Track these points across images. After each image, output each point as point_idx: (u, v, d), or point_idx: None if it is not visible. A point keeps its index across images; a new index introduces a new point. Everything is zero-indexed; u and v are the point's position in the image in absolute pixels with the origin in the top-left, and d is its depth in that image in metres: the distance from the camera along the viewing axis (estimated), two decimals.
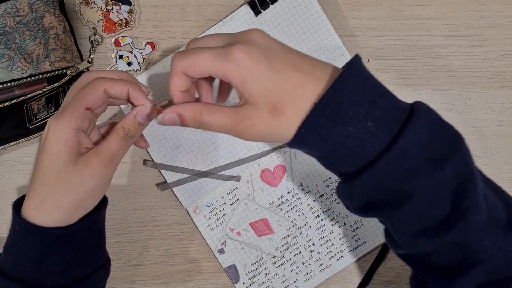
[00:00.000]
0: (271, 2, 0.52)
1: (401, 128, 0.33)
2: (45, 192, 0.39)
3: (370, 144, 0.34)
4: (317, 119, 0.34)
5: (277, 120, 0.35)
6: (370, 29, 0.54)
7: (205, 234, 0.54)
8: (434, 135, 0.34)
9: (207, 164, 0.53)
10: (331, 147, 0.34)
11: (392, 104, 0.35)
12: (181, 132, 0.53)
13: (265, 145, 0.53)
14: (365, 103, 0.33)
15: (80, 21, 0.53)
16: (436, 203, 0.34)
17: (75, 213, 0.40)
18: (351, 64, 0.35)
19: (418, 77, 0.54)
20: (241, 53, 0.34)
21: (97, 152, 0.39)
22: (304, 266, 0.53)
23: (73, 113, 0.39)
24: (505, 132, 0.54)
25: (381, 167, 0.33)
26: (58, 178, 0.39)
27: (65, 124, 0.38)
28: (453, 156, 0.34)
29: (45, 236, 0.39)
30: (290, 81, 0.34)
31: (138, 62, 0.53)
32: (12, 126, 0.50)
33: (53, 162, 0.39)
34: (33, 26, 0.48)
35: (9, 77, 0.48)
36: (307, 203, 0.53)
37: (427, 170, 0.33)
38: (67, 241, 0.40)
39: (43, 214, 0.39)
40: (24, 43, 0.48)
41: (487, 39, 0.54)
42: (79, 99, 0.39)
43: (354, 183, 0.35)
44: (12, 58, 0.48)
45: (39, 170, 0.40)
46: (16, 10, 0.48)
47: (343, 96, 0.33)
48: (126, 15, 0.53)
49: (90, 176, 0.39)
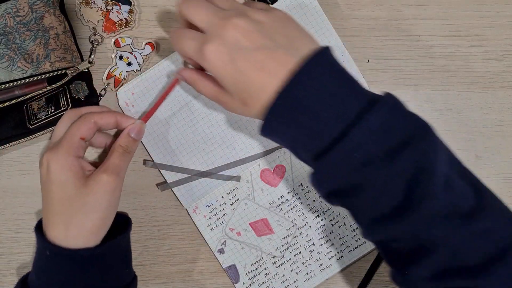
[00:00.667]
0: (271, 2, 0.52)
1: (356, 119, 0.35)
2: (66, 220, 0.42)
3: (326, 133, 0.36)
4: (279, 109, 0.37)
5: (247, 109, 0.40)
6: (370, 29, 0.54)
7: (205, 234, 0.54)
8: (392, 127, 0.35)
9: (207, 164, 0.53)
10: (292, 135, 0.38)
11: (354, 94, 0.36)
12: (181, 132, 0.53)
13: (265, 145, 0.53)
14: (325, 95, 0.36)
15: (80, 21, 0.53)
16: (389, 192, 0.35)
17: (100, 232, 0.43)
18: (316, 55, 0.36)
19: (418, 77, 0.54)
20: (211, 55, 0.38)
21: (103, 169, 0.43)
22: (304, 266, 0.53)
23: (70, 144, 0.43)
24: (505, 132, 0.54)
25: (335, 156, 0.35)
26: (74, 203, 0.42)
27: (65, 153, 0.42)
28: (410, 147, 0.34)
29: (75, 259, 0.42)
30: (253, 82, 0.38)
31: (138, 63, 0.53)
32: (12, 126, 0.50)
33: (63, 190, 0.42)
34: (33, 26, 0.48)
35: (10, 77, 0.48)
36: (307, 203, 0.53)
37: (380, 160, 0.34)
38: (96, 261, 0.43)
39: (70, 240, 0.42)
40: (24, 43, 0.48)
41: (487, 39, 0.54)
42: (73, 130, 0.44)
43: (314, 171, 0.38)
44: (12, 58, 0.48)
45: (52, 201, 0.42)
46: (17, 10, 0.48)
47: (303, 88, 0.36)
48: (126, 15, 0.53)
49: (103, 192, 0.42)
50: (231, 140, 0.53)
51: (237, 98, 0.40)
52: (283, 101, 0.36)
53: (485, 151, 0.54)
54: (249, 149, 0.53)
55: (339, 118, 0.35)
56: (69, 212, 0.42)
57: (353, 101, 0.36)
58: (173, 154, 0.53)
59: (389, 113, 0.35)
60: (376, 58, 0.54)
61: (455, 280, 0.35)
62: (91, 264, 0.42)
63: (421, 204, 0.34)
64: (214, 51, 0.38)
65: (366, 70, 0.54)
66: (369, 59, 0.54)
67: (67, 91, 0.50)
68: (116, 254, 0.45)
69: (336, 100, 0.36)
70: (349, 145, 0.35)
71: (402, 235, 0.36)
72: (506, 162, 0.54)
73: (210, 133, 0.53)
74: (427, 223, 0.35)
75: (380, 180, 0.35)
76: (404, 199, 0.34)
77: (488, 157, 0.54)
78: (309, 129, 0.36)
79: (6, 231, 0.54)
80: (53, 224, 0.42)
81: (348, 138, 0.34)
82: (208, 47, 0.38)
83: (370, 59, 0.54)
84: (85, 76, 0.52)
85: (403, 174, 0.34)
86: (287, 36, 0.39)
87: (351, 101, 0.36)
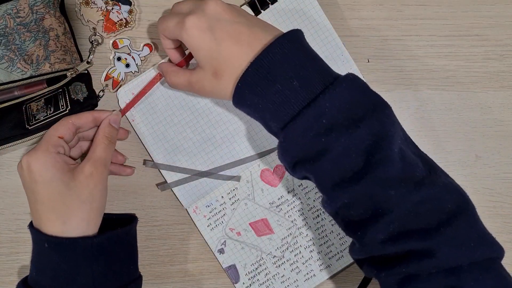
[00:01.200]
0: (271, 2, 0.52)
1: (324, 89, 0.38)
2: (62, 214, 0.42)
3: (294, 100, 0.38)
4: (251, 76, 0.39)
5: (218, 83, 0.42)
6: (370, 29, 0.54)
7: (205, 234, 0.54)
8: (355, 99, 0.38)
9: (207, 164, 0.53)
10: (263, 104, 0.39)
11: (322, 70, 0.40)
12: (181, 132, 0.53)
13: (265, 145, 0.53)
14: (295, 66, 0.39)
15: (80, 21, 0.53)
16: (350, 157, 0.38)
17: (96, 221, 0.44)
18: (289, 33, 0.40)
19: (418, 77, 0.54)
20: (191, 23, 0.41)
21: (91, 162, 0.44)
22: (304, 266, 0.53)
23: (48, 142, 0.44)
24: (505, 132, 0.54)
25: (301, 122, 0.38)
26: (66, 198, 0.42)
27: (45, 151, 0.43)
28: (370, 117, 0.38)
29: (76, 247, 0.42)
30: (229, 52, 0.40)
31: (136, 64, 0.53)
32: (11, 126, 0.50)
33: (51, 187, 0.42)
34: (33, 28, 0.48)
35: (9, 78, 0.48)
36: (307, 203, 0.53)
37: (343, 127, 0.37)
38: (98, 253, 0.43)
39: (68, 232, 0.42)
40: (24, 44, 0.48)
41: (487, 39, 0.54)
42: (51, 131, 0.45)
43: (281, 139, 0.40)
44: (12, 59, 0.48)
45: (42, 200, 0.42)
46: (17, 11, 0.48)
47: (275, 58, 0.39)
48: (126, 15, 0.53)
49: (94, 184, 0.43)
50: (231, 140, 0.53)
51: (209, 72, 0.42)
52: (255, 69, 0.39)
53: (485, 151, 0.54)
54: (249, 149, 0.53)
55: (309, 88, 0.38)
56: (64, 207, 0.42)
57: (322, 73, 0.39)
58: (173, 154, 0.53)
59: (355, 88, 0.39)
60: (376, 58, 0.54)
61: (409, 242, 0.37)
62: (93, 254, 0.43)
63: (380, 168, 0.37)
64: (194, 20, 0.41)
65: (366, 70, 0.54)
66: (369, 59, 0.54)
67: (66, 93, 0.50)
68: (118, 247, 0.45)
69: (307, 71, 0.39)
70: (317, 110, 0.38)
71: (360, 198, 0.38)
72: (506, 162, 0.54)
73: (210, 133, 0.53)
74: (385, 184, 0.37)
75: (343, 145, 0.37)
76: (364, 163, 0.37)
77: (488, 157, 0.54)
78: (280, 97, 0.39)
79: (6, 231, 0.54)
80: (48, 221, 0.42)
81: (317, 104, 0.38)
82: (189, 18, 0.41)
83: (370, 59, 0.54)
84: (85, 77, 0.52)
85: (365, 141, 0.37)
86: (262, 21, 0.43)
87: (320, 73, 0.39)
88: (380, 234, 0.38)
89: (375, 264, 0.40)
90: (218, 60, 0.41)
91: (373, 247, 0.39)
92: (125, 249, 0.47)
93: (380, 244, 0.38)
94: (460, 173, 0.54)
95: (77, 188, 0.42)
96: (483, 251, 0.37)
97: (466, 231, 0.37)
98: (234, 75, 0.41)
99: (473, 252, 0.37)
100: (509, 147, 0.54)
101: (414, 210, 0.37)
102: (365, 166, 0.37)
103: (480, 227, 0.39)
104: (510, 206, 0.55)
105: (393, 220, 0.37)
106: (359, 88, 0.39)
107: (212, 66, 0.41)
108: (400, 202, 0.37)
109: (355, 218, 0.39)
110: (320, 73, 0.39)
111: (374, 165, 0.37)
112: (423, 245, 0.37)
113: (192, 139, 0.53)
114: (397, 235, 0.37)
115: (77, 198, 0.42)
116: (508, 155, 0.54)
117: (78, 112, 0.49)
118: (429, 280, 0.37)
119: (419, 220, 0.37)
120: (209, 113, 0.52)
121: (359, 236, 0.40)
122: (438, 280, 0.37)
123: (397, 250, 0.38)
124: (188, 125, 0.53)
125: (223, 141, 0.53)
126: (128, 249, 0.47)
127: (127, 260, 0.47)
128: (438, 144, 0.54)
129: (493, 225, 0.54)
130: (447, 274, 0.37)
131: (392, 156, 0.37)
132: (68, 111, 0.49)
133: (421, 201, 0.37)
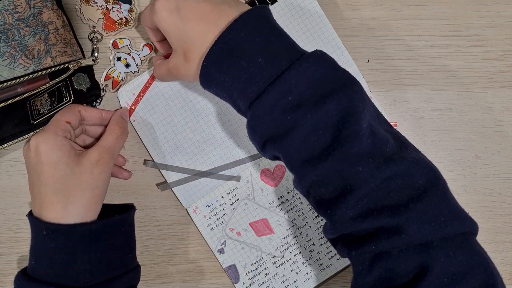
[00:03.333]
0: (271, 2, 0.52)
1: (290, 66, 0.37)
2: (64, 197, 0.42)
3: (259, 77, 0.38)
4: (216, 54, 0.38)
5: (189, 65, 0.41)
6: (370, 29, 0.54)
7: (205, 234, 0.54)
8: (322, 75, 0.37)
9: (207, 164, 0.53)
10: (229, 81, 0.39)
11: (288, 46, 0.39)
12: (181, 132, 0.53)
13: None
14: (260, 42, 0.38)
15: (80, 19, 0.53)
16: (318, 133, 0.37)
17: (96, 207, 0.44)
18: (254, 9, 0.39)
19: (418, 77, 0.54)
20: (159, 5, 0.41)
21: (98, 150, 0.44)
22: (304, 266, 0.53)
23: (56, 125, 0.44)
24: (505, 132, 0.54)
25: (267, 99, 0.37)
26: (69, 182, 0.42)
27: (53, 134, 0.43)
28: (338, 93, 0.37)
29: (74, 233, 0.42)
30: (195, 31, 0.40)
31: (136, 64, 0.53)
32: (16, 123, 0.50)
33: (56, 169, 0.42)
34: (32, 22, 0.48)
35: (12, 74, 0.48)
36: (307, 203, 0.53)
37: (310, 103, 0.37)
38: (96, 239, 0.43)
39: (68, 217, 0.42)
40: (24, 40, 0.48)
41: (487, 39, 0.54)
42: (58, 116, 0.45)
43: (249, 118, 0.39)
44: (13, 55, 0.48)
45: (46, 182, 0.42)
46: (14, 7, 0.48)
47: (240, 34, 0.38)
48: (126, 14, 0.53)
49: (98, 172, 0.43)
50: (231, 140, 0.53)
51: (181, 55, 0.42)
52: (220, 46, 0.38)
53: (485, 151, 0.54)
54: (249, 149, 0.53)
55: (275, 64, 0.38)
56: (67, 190, 0.42)
57: (288, 50, 0.39)
58: (173, 154, 0.53)
59: (323, 64, 0.38)
60: (376, 58, 0.54)
61: (378, 219, 0.36)
62: (91, 240, 0.42)
63: (348, 143, 0.36)
64: (162, 2, 0.41)
65: (366, 70, 0.54)
66: (369, 59, 0.54)
67: (69, 84, 0.50)
68: (116, 234, 0.45)
69: (272, 47, 0.38)
70: (283, 87, 0.37)
71: (329, 174, 0.37)
72: (506, 162, 0.54)
73: (210, 133, 0.53)
74: (353, 160, 0.36)
75: (311, 122, 0.37)
76: (333, 139, 0.37)
77: (488, 157, 0.54)
78: (246, 74, 0.38)
79: (6, 231, 0.54)
80: (50, 204, 0.42)
81: (282, 80, 0.37)
82: (158, 1, 0.42)
83: (370, 59, 0.54)
84: (87, 68, 0.52)
85: (333, 117, 0.37)
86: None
87: (286, 49, 0.39)
88: (350, 211, 0.37)
89: (346, 244, 0.39)
90: (185, 41, 0.41)
91: (343, 225, 0.38)
92: (123, 236, 0.46)
93: (350, 221, 0.37)
94: (460, 173, 0.54)
95: (82, 173, 0.42)
96: (454, 226, 0.36)
97: (436, 206, 0.36)
98: (200, 54, 0.40)
99: (443, 227, 0.36)
100: (509, 147, 0.54)
101: (383, 186, 0.36)
102: (333, 142, 0.37)
103: (451, 202, 0.38)
104: (510, 206, 0.55)
105: (362, 197, 0.37)
106: (326, 64, 0.38)
107: (182, 48, 0.41)
108: (369, 178, 0.36)
109: (325, 196, 0.39)
110: (286, 49, 0.39)
111: (342, 141, 0.36)
112: (393, 221, 0.36)
113: (192, 139, 0.53)
114: (366, 211, 0.37)
115: (80, 183, 0.42)
116: (508, 155, 0.54)
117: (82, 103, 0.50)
118: (399, 257, 0.36)
119: (389, 196, 0.36)
120: (209, 113, 0.53)
121: (329, 214, 0.39)
122: (409, 257, 0.36)
123: (367, 227, 0.37)
124: (188, 125, 0.53)
125: (223, 141, 0.53)
126: (125, 237, 0.47)
127: (125, 248, 0.47)
128: (438, 144, 0.54)
129: (493, 225, 0.54)
130: (417, 250, 0.36)
131: (360, 131, 0.36)
132: (72, 101, 0.50)
133: (390, 177, 0.36)
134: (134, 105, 0.52)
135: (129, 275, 0.46)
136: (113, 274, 0.44)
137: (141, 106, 0.52)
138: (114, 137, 0.46)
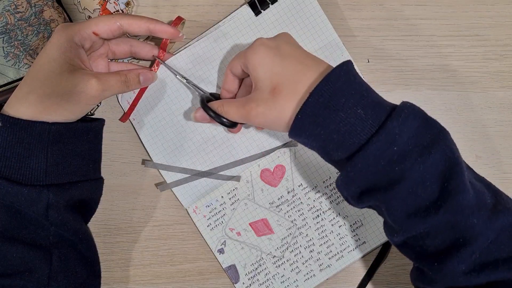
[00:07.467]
0: (271, 2, 0.52)
1: (388, 116, 0.37)
2: (35, 85, 0.42)
3: (360, 128, 0.37)
4: (312, 106, 0.38)
5: (275, 101, 0.41)
6: (370, 29, 0.54)
7: (205, 234, 0.54)
8: (420, 125, 0.37)
9: (207, 164, 0.53)
10: (325, 134, 0.38)
11: (378, 99, 0.39)
12: (181, 132, 0.53)
13: (265, 145, 0.53)
14: (354, 95, 0.38)
15: (76, 8, 0.53)
16: (426, 184, 0.36)
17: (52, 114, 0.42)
18: (343, 64, 0.39)
19: (418, 77, 0.54)
20: (259, 42, 0.42)
21: (97, 76, 0.43)
22: (304, 266, 0.53)
23: (79, 30, 0.43)
24: (505, 132, 0.54)
25: (371, 150, 0.36)
26: (50, 78, 0.42)
27: (69, 36, 0.43)
28: (439, 143, 0.36)
29: (32, 130, 0.41)
30: (291, 67, 0.41)
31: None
32: None
33: (49, 63, 0.42)
34: (34, 21, 0.48)
35: (18, 75, 0.48)
36: (307, 203, 0.53)
37: (415, 153, 0.36)
38: (54, 139, 0.42)
39: (25, 105, 0.41)
40: (27, 39, 0.48)
41: (487, 39, 0.54)
42: (91, 22, 0.44)
43: (348, 169, 0.38)
44: (18, 55, 0.48)
45: (36, 67, 0.43)
46: (15, 7, 0.48)
47: (335, 87, 0.38)
48: (123, 6, 0.52)
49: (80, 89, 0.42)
50: (231, 140, 0.53)
51: (267, 89, 0.41)
52: (316, 98, 0.38)
53: (485, 151, 0.54)
54: (249, 149, 0.53)
55: (374, 115, 0.37)
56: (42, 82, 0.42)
57: (380, 101, 0.39)
58: (173, 154, 0.53)
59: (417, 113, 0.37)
60: (376, 58, 0.54)
61: (496, 273, 0.36)
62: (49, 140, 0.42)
63: (458, 195, 0.35)
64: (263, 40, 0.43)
65: (366, 70, 0.54)
66: (369, 59, 0.54)
67: None
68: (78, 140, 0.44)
69: (366, 100, 0.38)
70: (388, 137, 0.36)
71: (441, 227, 0.36)
72: (506, 162, 0.54)
73: (210, 133, 0.53)
74: (466, 212, 0.36)
75: (418, 173, 0.36)
76: (440, 190, 0.36)
77: (488, 157, 0.54)
78: (345, 125, 0.37)
79: None
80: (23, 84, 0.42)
81: (386, 130, 0.36)
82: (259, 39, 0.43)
83: (370, 59, 0.54)
84: None
85: (439, 167, 0.36)
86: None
87: (378, 101, 0.39)
88: (462, 265, 0.36)
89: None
90: (279, 75, 0.41)
91: (454, 279, 0.37)
92: (85, 144, 0.45)
93: (463, 275, 0.36)
94: None
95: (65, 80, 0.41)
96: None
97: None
98: (294, 93, 0.40)
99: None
100: (509, 147, 0.54)
101: (496, 238, 0.36)
102: (442, 193, 0.36)
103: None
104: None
105: (475, 250, 0.36)
106: (420, 115, 0.38)
107: (272, 82, 0.41)
108: (484, 230, 0.36)
109: (430, 248, 0.38)
110: (378, 102, 0.38)
111: (451, 192, 0.36)
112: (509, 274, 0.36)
113: (192, 139, 0.53)
114: (480, 265, 0.36)
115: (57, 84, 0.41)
116: (508, 155, 0.54)
117: None
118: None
119: (500, 248, 0.36)
120: None
121: (436, 267, 0.38)
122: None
123: (482, 282, 0.36)
124: (188, 125, 0.53)
125: (223, 141, 0.53)
126: (89, 145, 0.46)
127: (87, 157, 0.46)
128: None
129: None
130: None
131: (465, 182, 0.36)
132: None
133: (501, 229, 0.36)
134: (134, 104, 0.52)
135: (87, 184, 0.46)
136: (69, 179, 0.44)
137: (141, 105, 0.52)
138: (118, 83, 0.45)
